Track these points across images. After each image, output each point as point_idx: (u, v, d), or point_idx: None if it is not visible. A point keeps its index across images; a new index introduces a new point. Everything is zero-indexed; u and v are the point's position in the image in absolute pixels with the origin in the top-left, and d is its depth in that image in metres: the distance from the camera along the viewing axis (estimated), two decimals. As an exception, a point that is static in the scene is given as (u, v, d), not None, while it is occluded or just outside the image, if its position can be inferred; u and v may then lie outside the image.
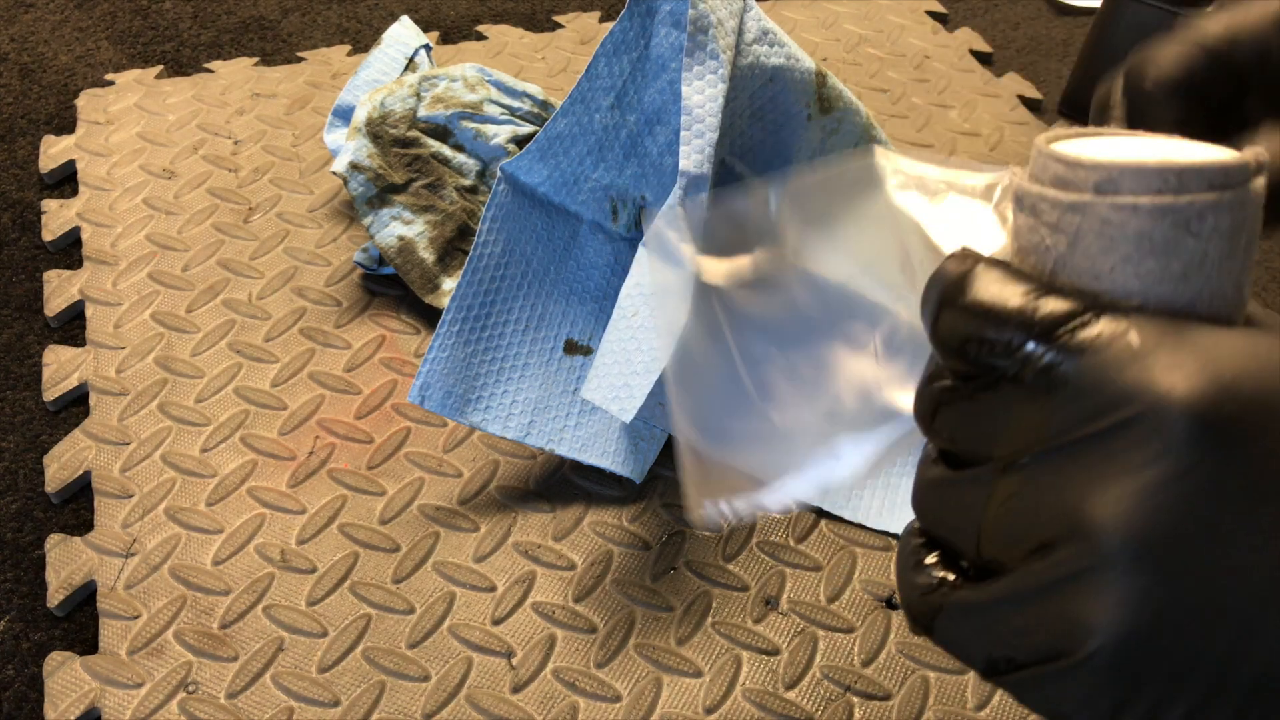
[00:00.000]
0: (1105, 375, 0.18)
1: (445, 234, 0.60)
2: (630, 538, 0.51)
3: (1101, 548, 0.18)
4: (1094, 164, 0.19)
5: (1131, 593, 0.18)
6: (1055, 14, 0.92)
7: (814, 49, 0.84)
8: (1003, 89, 0.81)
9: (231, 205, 0.67)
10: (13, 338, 0.60)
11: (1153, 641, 0.18)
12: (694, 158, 0.47)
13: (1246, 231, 0.19)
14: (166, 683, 0.44)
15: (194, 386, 0.56)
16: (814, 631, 0.48)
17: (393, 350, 0.59)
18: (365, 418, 0.55)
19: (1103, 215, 0.19)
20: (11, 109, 0.75)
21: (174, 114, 0.73)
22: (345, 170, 0.59)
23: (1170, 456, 0.17)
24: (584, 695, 0.45)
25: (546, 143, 0.51)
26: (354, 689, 0.45)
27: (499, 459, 0.54)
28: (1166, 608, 0.18)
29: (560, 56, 0.82)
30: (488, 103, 0.63)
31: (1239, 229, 0.19)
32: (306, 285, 0.62)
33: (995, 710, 0.45)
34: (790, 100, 0.53)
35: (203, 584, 0.48)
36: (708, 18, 0.47)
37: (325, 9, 0.87)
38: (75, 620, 0.48)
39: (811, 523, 0.52)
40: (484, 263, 0.51)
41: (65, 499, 0.52)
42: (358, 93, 0.65)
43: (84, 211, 0.66)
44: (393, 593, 0.48)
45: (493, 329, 0.52)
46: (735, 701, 0.45)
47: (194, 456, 0.53)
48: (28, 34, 0.82)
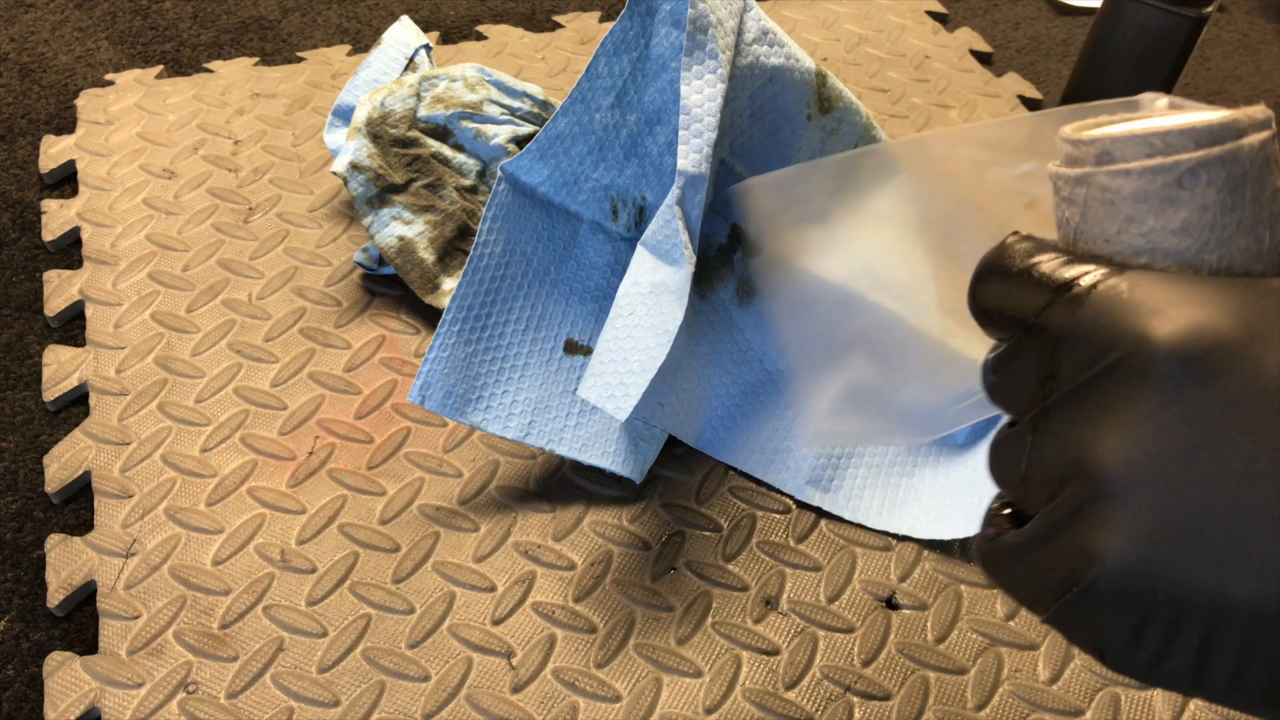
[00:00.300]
0: (1098, 324, 0.20)
1: (445, 234, 0.60)
2: (630, 538, 0.51)
3: (1099, 481, 0.20)
4: (1092, 139, 0.21)
5: (1124, 521, 0.19)
6: (1055, 14, 0.92)
7: (814, 49, 0.84)
8: (1003, 89, 0.81)
9: (231, 205, 0.67)
10: (13, 338, 0.60)
11: (1148, 567, 0.19)
12: (692, 157, 0.47)
13: (1252, 184, 0.20)
14: (166, 683, 0.44)
15: (194, 386, 0.56)
16: (814, 631, 0.48)
17: (393, 350, 0.59)
18: (365, 418, 0.55)
19: (1103, 183, 0.21)
20: (11, 109, 0.75)
21: (174, 114, 0.73)
22: (345, 170, 0.59)
23: (1152, 392, 0.19)
24: (584, 695, 0.45)
25: (547, 143, 0.51)
26: (354, 689, 0.45)
27: (499, 459, 0.54)
28: (1156, 535, 0.19)
29: (560, 56, 0.82)
30: (488, 103, 0.63)
31: (1240, 182, 0.20)
32: (306, 285, 0.62)
33: (995, 710, 0.45)
34: (790, 100, 0.53)
35: (203, 584, 0.48)
36: (707, 18, 0.47)
37: (325, 9, 0.87)
38: (75, 620, 0.48)
39: (811, 523, 0.52)
40: (484, 263, 0.51)
41: (65, 499, 0.52)
42: (358, 93, 0.65)
43: (84, 211, 0.66)
44: (393, 593, 0.48)
45: (493, 329, 0.52)
46: (735, 701, 0.45)
47: (194, 456, 0.53)
48: (28, 34, 0.82)
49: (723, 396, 0.55)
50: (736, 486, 0.53)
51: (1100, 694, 0.46)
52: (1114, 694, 0.46)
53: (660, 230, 0.48)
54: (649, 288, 0.47)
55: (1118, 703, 0.45)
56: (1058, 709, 0.45)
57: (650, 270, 0.47)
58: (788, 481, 0.53)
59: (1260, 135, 0.20)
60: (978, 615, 0.48)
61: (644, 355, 0.45)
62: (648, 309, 0.46)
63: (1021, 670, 0.47)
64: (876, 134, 0.59)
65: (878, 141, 0.59)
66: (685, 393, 0.53)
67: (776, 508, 0.52)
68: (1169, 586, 0.19)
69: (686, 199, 0.47)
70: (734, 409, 0.55)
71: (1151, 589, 0.19)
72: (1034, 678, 0.46)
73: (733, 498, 0.53)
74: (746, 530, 0.51)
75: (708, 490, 0.53)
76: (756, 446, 0.54)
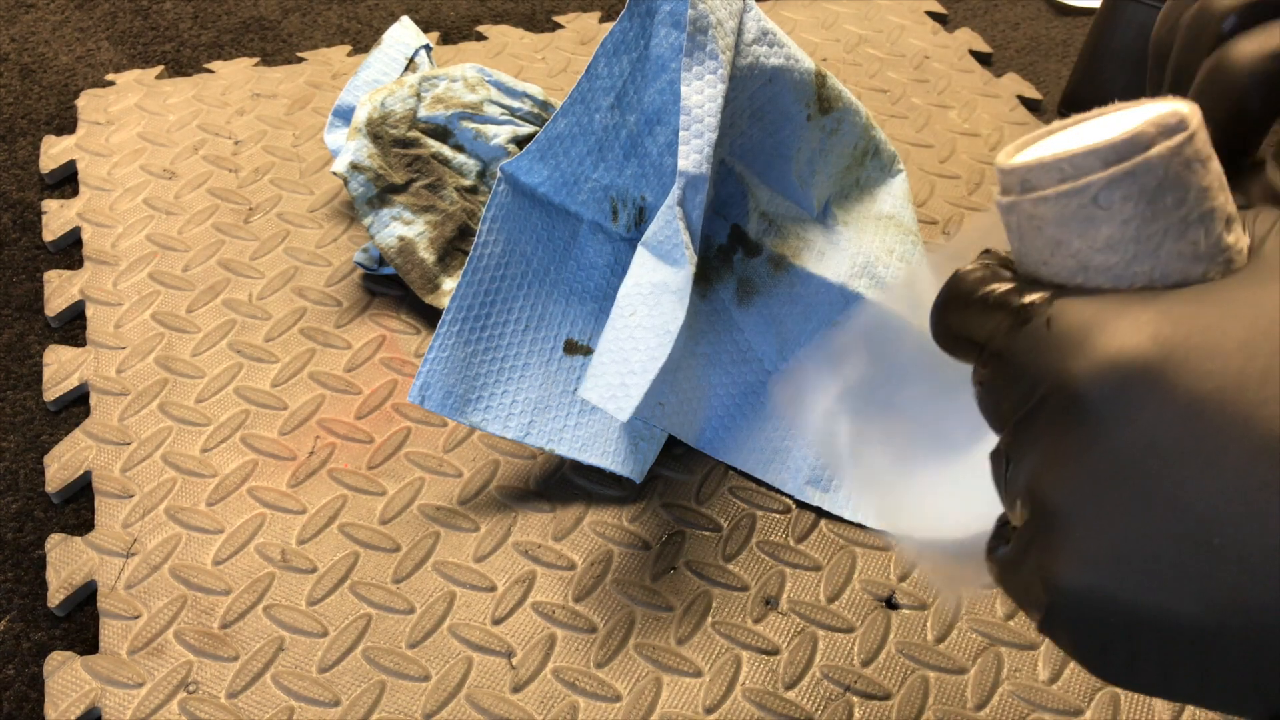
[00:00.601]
0: (1027, 359, 0.21)
1: (445, 234, 0.60)
2: (630, 538, 0.51)
3: (1045, 511, 0.20)
4: (1012, 168, 0.22)
5: (1070, 551, 0.20)
6: (1055, 14, 0.92)
7: (814, 49, 0.84)
8: (1002, 89, 0.81)
9: (232, 205, 0.67)
10: (13, 338, 0.60)
11: (1096, 595, 0.20)
12: (692, 158, 0.47)
13: (1171, 190, 0.20)
14: (167, 682, 0.44)
15: (194, 386, 0.56)
16: (814, 631, 0.48)
17: (393, 350, 0.59)
18: (365, 418, 0.55)
19: (1027, 211, 0.22)
20: (12, 109, 0.75)
21: (174, 114, 0.73)
22: (345, 170, 0.59)
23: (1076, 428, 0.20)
24: (584, 695, 0.45)
25: (546, 143, 0.51)
26: (354, 689, 0.45)
27: (499, 459, 0.54)
28: (1101, 563, 0.20)
29: (560, 57, 0.82)
30: (488, 103, 0.63)
31: (1156, 191, 0.20)
32: (307, 285, 0.62)
33: (995, 710, 0.45)
34: (790, 100, 0.53)
35: (203, 584, 0.48)
36: (707, 18, 0.47)
37: (325, 9, 0.87)
38: (76, 620, 0.48)
39: (811, 523, 0.52)
40: (484, 263, 0.51)
41: (66, 499, 0.52)
42: (358, 93, 0.65)
43: (84, 212, 0.66)
44: (393, 592, 0.48)
45: (493, 329, 0.52)
46: (735, 701, 0.45)
47: (194, 456, 0.53)
48: (28, 34, 0.82)
49: (723, 396, 0.55)
50: (736, 486, 0.53)
51: (1100, 694, 0.46)
52: (1114, 694, 0.46)
53: (661, 230, 0.48)
54: (650, 288, 0.47)
55: (1117, 702, 0.45)
56: (1057, 709, 0.45)
57: (651, 270, 0.47)
58: (788, 481, 0.53)
59: (1170, 142, 0.20)
60: (977, 615, 0.48)
61: (645, 356, 0.45)
62: (649, 309, 0.46)
63: (1021, 670, 0.47)
64: (876, 134, 0.59)
65: (877, 142, 0.59)
66: (685, 393, 0.54)
67: (776, 508, 0.52)
68: (1120, 610, 0.20)
69: (687, 199, 0.47)
70: (734, 409, 0.55)
71: (1104, 612, 0.20)
72: (1034, 677, 0.46)
73: (733, 498, 0.53)
74: (746, 530, 0.51)
75: (708, 490, 0.53)
76: (756, 446, 0.54)
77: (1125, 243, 0.21)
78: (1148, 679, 0.20)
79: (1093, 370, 0.19)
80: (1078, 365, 0.20)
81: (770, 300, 0.55)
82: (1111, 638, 0.20)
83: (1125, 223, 0.20)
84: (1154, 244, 0.21)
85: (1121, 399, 0.19)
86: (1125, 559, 0.19)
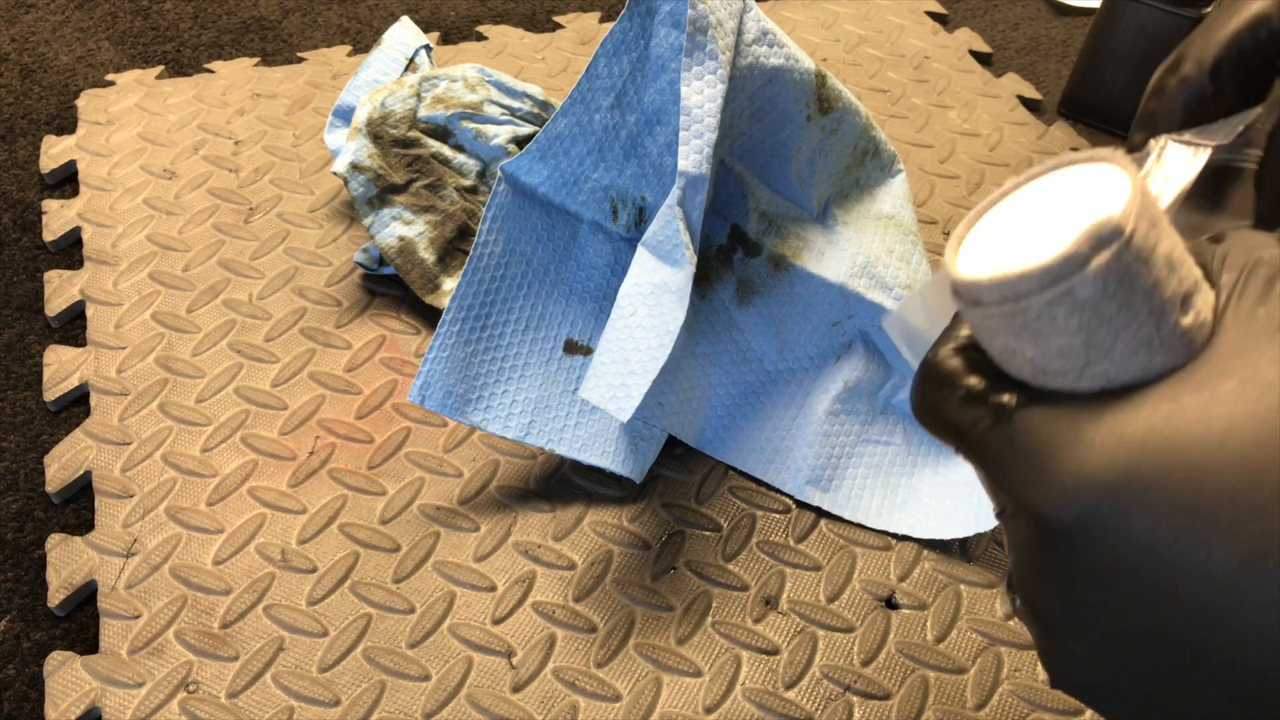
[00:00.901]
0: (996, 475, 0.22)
1: (445, 234, 0.60)
2: (630, 537, 0.51)
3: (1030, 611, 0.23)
4: (960, 282, 0.22)
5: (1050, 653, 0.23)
6: (1055, 14, 0.92)
7: (814, 49, 0.84)
8: (1002, 89, 0.81)
9: (232, 205, 0.67)
10: (13, 338, 0.60)
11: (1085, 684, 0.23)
12: (692, 158, 0.47)
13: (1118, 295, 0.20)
14: (167, 682, 0.44)
15: (194, 386, 0.56)
16: (814, 631, 0.48)
17: (393, 350, 0.59)
18: (365, 418, 0.55)
19: (976, 322, 0.22)
20: (12, 109, 0.75)
21: (174, 114, 0.73)
22: (345, 170, 0.59)
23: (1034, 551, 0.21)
24: (584, 695, 0.45)
25: (546, 143, 0.51)
26: (354, 688, 0.45)
27: (499, 459, 0.54)
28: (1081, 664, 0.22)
29: (560, 57, 0.82)
30: (488, 103, 0.63)
31: (1100, 300, 0.20)
32: (307, 285, 0.62)
33: (995, 710, 0.45)
34: (789, 100, 0.53)
35: (203, 584, 0.48)
36: (707, 18, 0.47)
37: (326, 9, 0.87)
38: (76, 620, 0.48)
39: (811, 523, 0.52)
40: (484, 263, 0.51)
41: (66, 499, 0.52)
42: (358, 93, 0.65)
43: (85, 212, 0.66)
44: (393, 592, 0.48)
45: (493, 329, 0.52)
46: (735, 701, 0.45)
47: (194, 456, 0.53)
48: (28, 34, 0.82)
49: (723, 396, 0.55)
50: (736, 486, 0.53)
51: (1100, 693, 0.46)
52: (1113, 693, 0.46)
53: (661, 231, 0.48)
54: (650, 288, 0.47)
55: (1117, 702, 0.45)
56: (1057, 708, 0.45)
57: (651, 271, 0.47)
58: (788, 481, 0.53)
59: (1104, 256, 0.20)
60: (977, 615, 0.48)
61: (646, 356, 0.45)
62: (649, 309, 0.46)
63: (1021, 670, 0.47)
64: (876, 134, 0.59)
65: (877, 142, 0.59)
66: (685, 393, 0.54)
67: (776, 507, 0.52)
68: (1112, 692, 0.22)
69: (687, 199, 0.47)
70: (734, 409, 0.55)
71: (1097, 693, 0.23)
72: (1034, 677, 0.46)
73: (733, 498, 0.53)
74: (746, 530, 0.51)
75: (708, 490, 0.53)
76: (756, 446, 0.54)
77: (1077, 350, 0.21)
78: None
79: (1054, 501, 0.20)
80: (1039, 495, 0.21)
81: (770, 300, 0.55)
82: (1109, 701, 0.23)
83: (1075, 332, 0.20)
84: (1105, 349, 0.21)
85: (1082, 530, 0.20)
86: (1105, 664, 0.21)
